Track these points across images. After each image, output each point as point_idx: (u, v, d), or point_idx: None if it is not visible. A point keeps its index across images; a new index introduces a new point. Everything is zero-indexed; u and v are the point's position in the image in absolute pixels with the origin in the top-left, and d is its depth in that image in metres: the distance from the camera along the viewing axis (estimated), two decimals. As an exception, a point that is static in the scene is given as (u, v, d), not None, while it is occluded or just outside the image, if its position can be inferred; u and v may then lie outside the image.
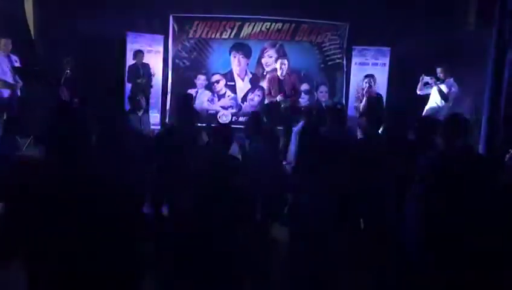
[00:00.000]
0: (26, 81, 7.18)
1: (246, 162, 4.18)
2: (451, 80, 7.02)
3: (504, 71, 6.08)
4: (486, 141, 6.28)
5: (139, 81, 8.23)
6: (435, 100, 7.10)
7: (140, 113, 6.16)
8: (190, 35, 8.95)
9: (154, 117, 8.39)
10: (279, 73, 8.34)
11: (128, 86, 8.38)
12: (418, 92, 7.35)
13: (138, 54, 8.38)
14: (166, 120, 8.72)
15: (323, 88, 9.23)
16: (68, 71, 7.37)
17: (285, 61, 8.45)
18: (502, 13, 6.07)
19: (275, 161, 4.66)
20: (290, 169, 4.84)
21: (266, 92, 8.62)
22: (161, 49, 8.85)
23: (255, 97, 9.14)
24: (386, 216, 4.03)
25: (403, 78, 8.20)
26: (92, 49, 8.01)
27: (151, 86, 8.57)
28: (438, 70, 7.09)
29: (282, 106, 7.65)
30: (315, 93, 9.24)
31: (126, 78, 8.41)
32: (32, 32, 7.95)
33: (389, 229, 4.14)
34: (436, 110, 7.03)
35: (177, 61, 8.95)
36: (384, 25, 8.52)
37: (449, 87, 6.98)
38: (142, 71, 8.34)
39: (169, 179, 3.87)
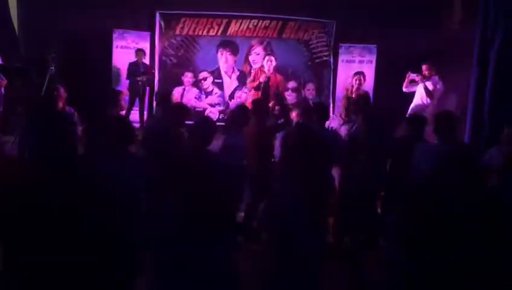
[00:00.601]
0: (10, 78, 7.09)
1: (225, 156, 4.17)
2: (437, 77, 7.08)
3: (488, 70, 6.15)
4: (470, 138, 6.36)
5: (139, 79, 8.16)
6: (420, 97, 7.14)
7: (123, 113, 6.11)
8: (177, 32, 8.91)
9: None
10: (265, 70, 8.34)
11: (125, 83, 8.33)
12: (404, 90, 7.40)
13: (139, 52, 8.33)
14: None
15: (310, 85, 9.25)
16: (53, 68, 7.30)
17: (272, 58, 8.46)
18: (486, 13, 6.14)
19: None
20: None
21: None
22: (148, 46, 8.80)
23: (242, 94, 9.13)
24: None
25: (390, 76, 8.24)
26: (77, 46, 7.95)
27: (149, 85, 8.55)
28: (423, 67, 7.13)
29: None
30: (302, 90, 9.25)
31: (126, 76, 8.34)
32: (16, 30, 7.85)
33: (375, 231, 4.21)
34: (421, 107, 7.08)
35: (164, 58, 8.91)
36: (370, 22, 8.56)
37: (434, 85, 7.04)
38: (143, 70, 8.28)
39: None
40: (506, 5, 5.96)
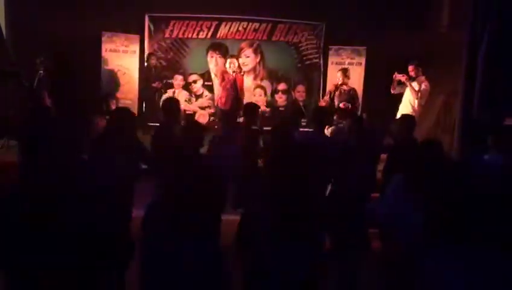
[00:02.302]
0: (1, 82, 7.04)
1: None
2: (423, 77, 7.12)
3: (476, 71, 6.22)
4: (459, 139, 6.43)
5: (154, 85, 8.12)
6: (408, 99, 7.19)
7: None
8: (166, 35, 8.88)
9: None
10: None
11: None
12: (392, 92, 7.45)
13: (150, 56, 8.37)
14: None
15: (300, 87, 9.29)
16: (41, 72, 7.25)
17: (234, 61, 8.26)
18: (474, 15, 6.21)
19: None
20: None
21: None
22: (137, 49, 8.76)
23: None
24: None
25: (379, 78, 8.29)
26: (66, 49, 7.90)
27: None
28: (409, 68, 7.19)
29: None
30: (292, 92, 9.29)
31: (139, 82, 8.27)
32: (4, 32, 7.78)
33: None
34: (409, 108, 7.13)
35: (153, 61, 8.86)
36: (360, 24, 8.60)
37: (420, 85, 7.08)
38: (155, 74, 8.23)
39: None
40: (494, 7, 6.04)
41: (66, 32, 7.84)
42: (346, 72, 7.66)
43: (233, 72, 7.88)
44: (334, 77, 8.96)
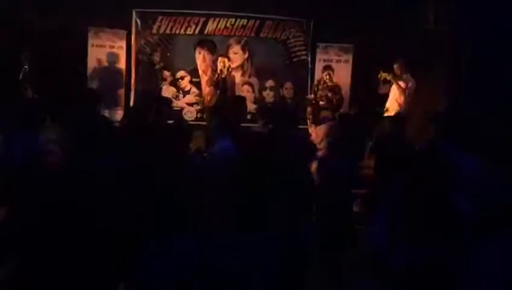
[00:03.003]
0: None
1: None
2: (409, 75, 7.18)
3: (462, 69, 6.30)
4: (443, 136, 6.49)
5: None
6: (394, 96, 7.25)
7: None
8: (154, 31, 8.81)
9: (119, 114, 8.25)
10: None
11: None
12: (380, 92, 7.50)
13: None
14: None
15: (288, 84, 9.28)
16: (26, 67, 7.16)
17: (225, 60, 8.26)
18: (459, 14, 6.28)
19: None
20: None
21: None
22: (124, 44, 8.68)
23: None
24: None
25: (367, 75, 8.34)
26: (51, 45, 7.80)
27: None
28: (395, 66, 7.24)
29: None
30: (280, 89, 9.28)
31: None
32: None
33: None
34: (396, 106, 7.18)
35: (140, 57, 8.81)
36: (347, 22, 8.64)
37: (406, 83, 7.14)
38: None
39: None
40: (478, 7, 6.12)
41: (52, 28, 7.75)
42: (328, 68, 7.79)
43: (227, 69, 7.82)
44: (321, 74, 9.05)
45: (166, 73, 8.79)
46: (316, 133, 5.50)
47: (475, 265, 2.28)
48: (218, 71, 7.82)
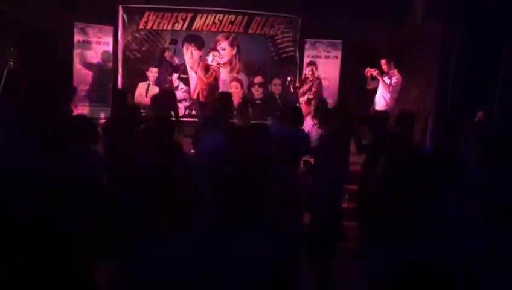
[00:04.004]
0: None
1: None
2: (395, 71, 7.19)
3: (450, 65, 6.32)
4: (433, 134, 6.53)
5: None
6: (381, 92, 7.26)
7: None
8: (141, 27, 8.72)
9: (106, 110, 8.16)
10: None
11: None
12: (368, 87, 7.51)
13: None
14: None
15: (276, 80, 9.27)
16: (11, 63, 7.04)
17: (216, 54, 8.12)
18: (448, 9, 6.30)
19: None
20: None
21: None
22: (110, 40, 8.58)
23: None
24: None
25: (355, 71, 8.34)
26: (37, 40, 7.68)
27: None
28: (382, 62, 7.26)
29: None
30: (269, 86, 9.26)
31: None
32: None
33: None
34: (382, 102, 7.20)
35: (127, 53, 8.71)
36: (336, 18, 8.63)
37: (391, 78, 7.15)
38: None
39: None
40: (468, 2, 6.13)
41: (37, 23, 7.62)
42: (311, 64, 7.82)
43: (218, 64, 7.71)
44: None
45: (153, 69, 8.67)
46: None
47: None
48: (213, 66, 7.68)
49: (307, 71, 7.95)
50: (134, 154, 3.63)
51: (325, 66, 8.92)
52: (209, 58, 7.73)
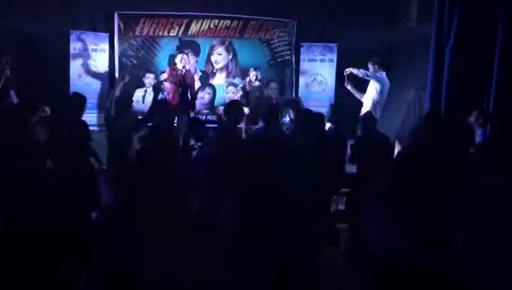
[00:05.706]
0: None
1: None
2: (383, 73, 7.20)
3: (444, 65, 6.32)
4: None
5: None
6: (370, 94, 7.28)
7: None
8: (137, 33, 8.76)
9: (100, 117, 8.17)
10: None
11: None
12: (347, 87, 7.54)
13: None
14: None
15: (273, 85, 9.28)
16: (7, 72, 7.07)
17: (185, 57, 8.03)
18: (441, 11, 6.31)
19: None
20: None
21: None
22: (106, 47, 8.61)
23: (205, 95, 9.09)
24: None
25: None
26: (33, 48, 7.72)
27: None
28: (369, 64, 7.28)
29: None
30: (265, 90, 9.26)
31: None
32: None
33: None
34: (370, 103, 7.21)
35: (124, 60, 8.73)
36: (330, 21, 8.65)
37: (378, 80, 7.16)
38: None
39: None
40: (461, 3, 6.14)
41: (33, 31, 7.68)
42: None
43: (183, 67, 7.66)
44: (306, 73, 9.09)
45: (150, 75, 8.70)
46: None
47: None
48: (180, 68, 7.63)
49: (250, 76, 8.04)
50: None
51: (320, 69, 8.95)
52: (177, 59, 7.72)
